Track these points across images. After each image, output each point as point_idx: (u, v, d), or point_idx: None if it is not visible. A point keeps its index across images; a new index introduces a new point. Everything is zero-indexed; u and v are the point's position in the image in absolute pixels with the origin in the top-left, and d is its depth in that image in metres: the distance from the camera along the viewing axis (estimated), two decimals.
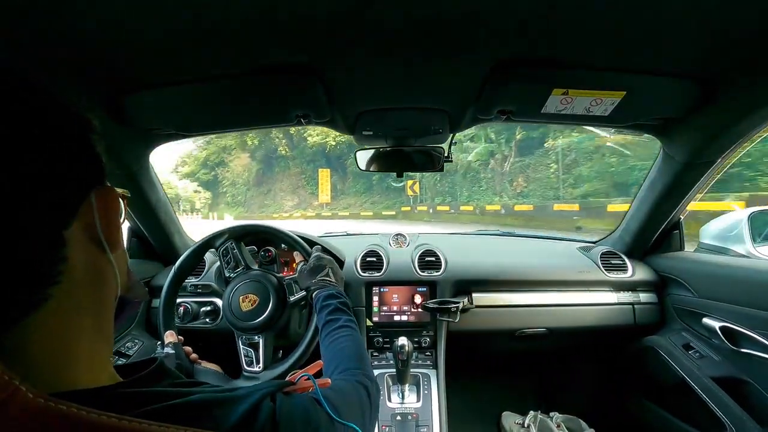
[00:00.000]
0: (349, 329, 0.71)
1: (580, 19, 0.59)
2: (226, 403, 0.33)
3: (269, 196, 28.66)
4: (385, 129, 1.05)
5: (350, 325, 0.73)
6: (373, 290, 1.27)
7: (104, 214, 0.33)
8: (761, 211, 1.16)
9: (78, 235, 0.31)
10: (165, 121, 0.93)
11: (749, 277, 1.01)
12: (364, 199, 22.80)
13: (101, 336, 0.34)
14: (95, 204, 0.32)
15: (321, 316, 0.76)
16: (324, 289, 0.83)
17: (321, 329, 0.73)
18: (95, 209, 0.32)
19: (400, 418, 1.08)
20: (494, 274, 1.30)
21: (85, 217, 0.31)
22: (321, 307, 0.78)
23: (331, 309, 0.76)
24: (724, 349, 1.05)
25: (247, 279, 1.00)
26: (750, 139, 0.92)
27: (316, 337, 0.92)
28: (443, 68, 0.74)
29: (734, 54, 0.67)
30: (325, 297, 0.80)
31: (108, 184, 0.36)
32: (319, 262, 0.92)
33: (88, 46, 0.60)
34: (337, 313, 0.75)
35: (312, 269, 0.90)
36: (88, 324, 0.32)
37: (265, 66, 0.71)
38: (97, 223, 0.32)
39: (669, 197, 1.15)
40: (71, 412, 0.23)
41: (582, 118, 0.88)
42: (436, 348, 1.23)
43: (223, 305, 0.99)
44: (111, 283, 0.35)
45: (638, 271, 1.30)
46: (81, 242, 0.31)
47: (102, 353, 0.34)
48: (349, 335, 0.69)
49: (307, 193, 26.94)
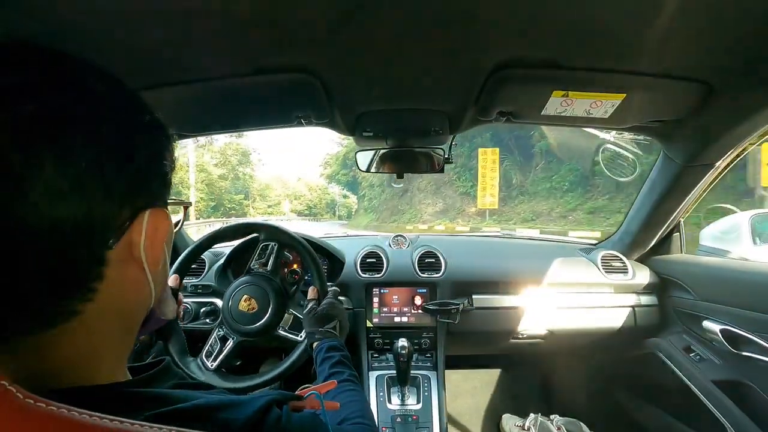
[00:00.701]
0: (354, 384, 0.69)
1: (580, 21, 0.59)
2: (232, 407, 0.32)
3: (405, 198, 20.15)
4: (385, 130, 1.05)
5: (354, 380, 0.71)
6: (374, 291, 1.27)
7: (152, 234, 0.32)
8: (762, 214, 1.16)
9: (120, 254, 0.30)
10: (165, 121, 0.93)
11: (750, 279, 1.01)
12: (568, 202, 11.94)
13: (126, 340, 0.35)
14: (146, 225, 0.31)
15: (323, 367, 0.74)
16: (326, 341, 0.81)
17: (325, 380, 0.71)
18: (144, 230, 0.31)
19: (400, 419, 1.08)
20: (495, 276, 1.30)
21: (131, 235, 0.31)
22: (323, 359, 0.76)
23: (334, 362, 0.74)
24: (725, 352, 1.05)
25: (248, 282, 0.99)
26: (750, 142, 0.92)
27: (301, 359, 0.90)
28: (443, 70, 0.74)
29: (734, 56, 0.67)
30: (327, 348, 0.78)
31: (164, 204, 0.35)
32: (331, 311, 0.89)
33: (88, 46, 0.60)
34: (341, 366, 0.74)
35: (321, 317, 0.87)
36: (116, 332, 0.32)
37: (265, 67, 0.71)
38: (142, 244, 0.31)
39: (669, 199, 1.15)
40: (61, 413, 0.23)
41: (582, 119, 0.88)
42: (437, 349, 1.23)
43: (222, 307, 0.98)
44: (146, 297, 0.35)
45: (638, 274, 1.30)
46: (122, 260, 0.30)
47: (124, 354, 0.35)
48: (355, 390, 0.67)
49: (457, 193, 16.55)
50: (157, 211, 0.32)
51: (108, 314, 0.30)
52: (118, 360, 0.33)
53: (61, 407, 0.23)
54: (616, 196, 10.49)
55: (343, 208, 27.89)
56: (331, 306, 0.90)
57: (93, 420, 0.23)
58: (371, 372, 1.20)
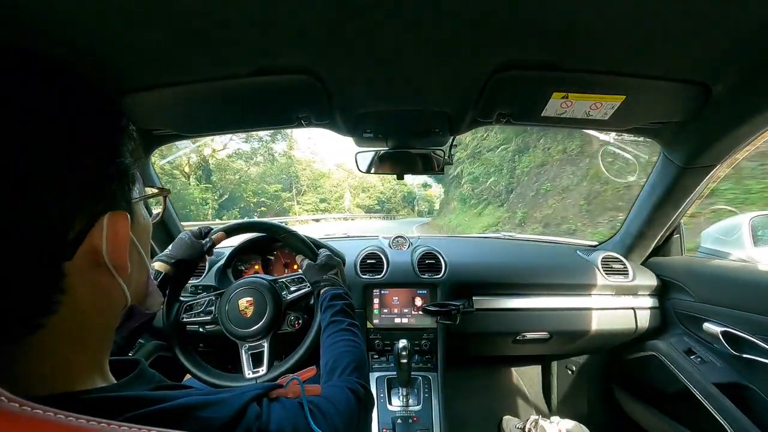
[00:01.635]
0: (352, 334, 0.71)
1: (580, 23, 0.59)
2: (211, 406, 0.32)
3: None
4: (386, 131, 1.05)
5: (353, 329, 0.73)
6: (374, 292, 1.27)
7: (112, 239, 0.30)
8: (762, 216, 1.16)
9: (81, 263, 0.28)
10: (164, 122, 0.94)
11: (750, 281, 1.00)
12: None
13: (104, 343, 0.34)
14: (106, 231, 0.29)
15: (326, 315, 0.76)
16: (332, 288, 0.83)
17: (324, 328, 0.73)
18: (105, 235, 0.29)
19: (400, 420, 1.08)
20: (495, 278, 1.30)
21: (91, 242, 0.29)
22: (327, 306, 0.78)
23: (337, 310, 0.76)
24: (726, 355, 1.04)
25: (240, 287, 0.96)
26: (751, 144, 0.92)
27: (318, 337, 0.91)
28: (443, 71, 0.74)
29: (734, 58, 0.67)
30: (332, 296, 0.80)
31: (127, 204, 0.33)
32: (330, 260, 0.92)
33: (87, 45, 0.60)
34: (342, 314, 0.75)
35: (322, 266, 0.90)
36: (91, 338, 0.31)
37: (265, 68, 0.71)
38: (104, 249, 0.29)
39: (669, 201, 1.15)
40: (47, 416, 0.23)
41: (582, 121, 0.88)
42: (437, 351, 1.23)
43: (221, 319, 0.94)
44: (118, 300, 0.34)
45: (639, 275, 1.30)
46: (85, 269, 0.29)
47: (103, 356, 0.34)
48: (351, 340, 0.69)
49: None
50: (115, 214, 0.30)
51: (78, 323, 0.29)
52: (96, 363, 0.33)
53: (47, 410, 0.23)
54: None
55: (424, 202, 24.17)
56: (329, 257, 0.93)
57: (80, 423, 0.23)
58: (372, 373, 1.19)
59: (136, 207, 0.36)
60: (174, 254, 0.86)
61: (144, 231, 0.37)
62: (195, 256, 0.88)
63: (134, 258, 0.35)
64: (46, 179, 0.24)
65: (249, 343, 0.92)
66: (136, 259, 0.35)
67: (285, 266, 1.31)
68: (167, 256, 0.86)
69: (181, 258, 0.86)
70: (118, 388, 0.32)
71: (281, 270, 1.31)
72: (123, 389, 0.32)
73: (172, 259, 0.85)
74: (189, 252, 0.87)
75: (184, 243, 0.88)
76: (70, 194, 0.26)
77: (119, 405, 0.28)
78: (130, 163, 0.33)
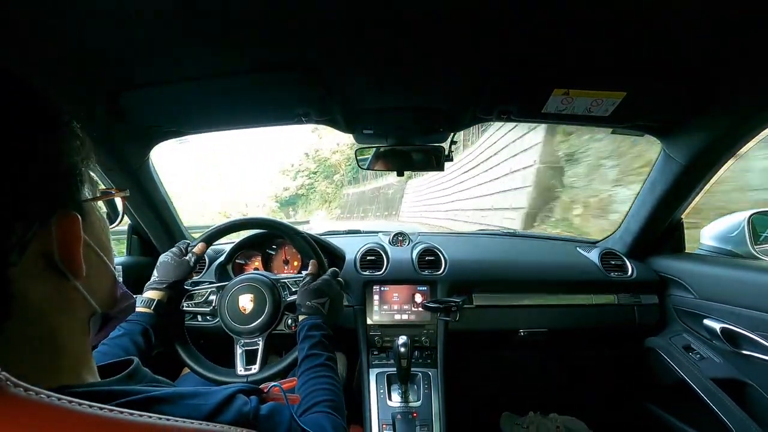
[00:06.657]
0: (330, 369, 0.69)
1: (580, 20, 0.59)
2: (201, 395, 0.34)
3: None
4: (386, 128, 1.05)
5: (330, 364, 0.71)
6: (374, 289, 1.28)
7: (64, 241, 0.29)
8: (762, 212, 1.16)
9: (30, 268, 0.27)
10: (165, 119, 0.94)
11: (750, 278, 1.00)
12: None
13: (82, 345, 0.33)
14: (55, 232, 0.28)
15: (304, 345, 0.74)
16: (311, 318, 0.80)
17: (301, 360, 0.71)
18: (54, 237, 0.28)
19: (400, 416, 1.09)
20: (495, 274, 1.30)
21: (40, 245, 0.28)
22: (305, 336, 0.76)
23: (314, 342, 0.74)
24: (725, 351, 1.05)
25: (240, 283, 0.96)
26: (751, 140, 0.92)
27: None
28: (444, 68, 0.74)
29: (735, 55, 0.67)
30: (309, 326, 0.77)
31: (77, 204, 0.31)
32: (323, 287, 0.86)
33: (87, 42, 0.60)
34: (320, 347, 0.73)
35: (312, 290, 0.85)
36: (62, 338, 0.30)
37: (266, 64, 0.71)
38: (55, 252, 0.28)
39: (669, 198, 1.15)
40: (51, 401, 0.23)
41: (582, 118, 0.88)
42: (437, 347, 1.23)
43: (220, 312, 0.94)
44: (80, 307, 0.33)
45: (639, 272, 1.30)
46: (35, 274, 0.27)
47: (86, 358, 0.34)
48: (329, 376, 0.67)
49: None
50: (64, 215, 0.29)
51: (43, 325, 0.28)
52: (80, 362, 0.33)
53: (51, 395, 0.23)
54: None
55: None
56: (325, 283, 0.88)
57: (82, 408, 0.24)
58: (371, 369, 1.20)
59: (89, 207, 0.34)
60: (163, 278, 0.87)
61: (101, 232, 0.36)
62: (184, 275, 0.89)
63: (92, 260, 0.33)
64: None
65: (245, 339, 0.92)
66: (95, 261, 0.34)
67: (285, 263, 1.31)
68: (157, 282, 0.86)
69: (173, 280, 0.87)
70: (109, 384, 0.33)
71: (281, 266, 1.32)
72: (114, 384, 0.33)
73: (163, 284, 0.86)
74: (176, 272, 0.88)
75: (169, 265, 0.88)
76: (2, 199, 0.24)
77: (109, 396, 0.28)
78: (76, 162, 0.31)
